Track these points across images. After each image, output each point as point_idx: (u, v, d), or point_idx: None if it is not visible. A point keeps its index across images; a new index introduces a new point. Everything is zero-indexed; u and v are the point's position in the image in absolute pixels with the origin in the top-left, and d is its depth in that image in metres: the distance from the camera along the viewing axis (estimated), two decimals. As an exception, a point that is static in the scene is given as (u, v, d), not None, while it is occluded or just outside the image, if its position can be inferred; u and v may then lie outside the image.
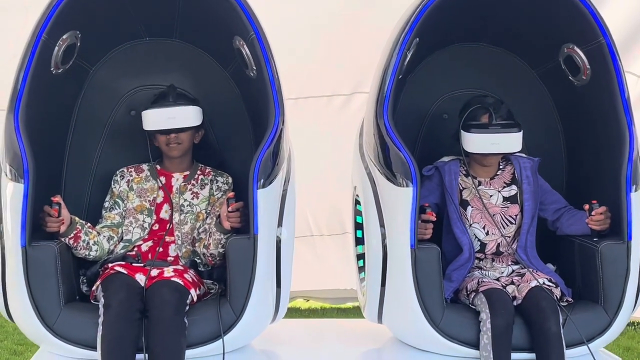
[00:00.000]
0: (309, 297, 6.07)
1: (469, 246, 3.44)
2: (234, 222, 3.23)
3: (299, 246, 3.90)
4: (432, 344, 3.29)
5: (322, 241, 5.38)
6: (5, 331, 5.32)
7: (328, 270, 5.44)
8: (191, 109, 3.40)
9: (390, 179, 3.27)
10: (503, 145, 3.40)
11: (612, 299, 3.27)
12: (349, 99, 5.04)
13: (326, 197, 5.08)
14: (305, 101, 5.00)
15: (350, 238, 3.94)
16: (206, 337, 3.16)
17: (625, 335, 5.27)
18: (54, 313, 3.13)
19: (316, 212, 5.24)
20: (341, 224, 5.19)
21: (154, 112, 3.38)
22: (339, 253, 5.27)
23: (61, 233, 3.21)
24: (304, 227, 5.22)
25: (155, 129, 3.41)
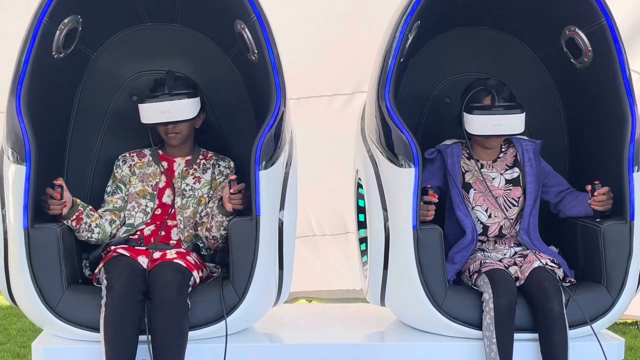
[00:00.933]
0: (312, 297, 6.07)
1: (472, 229, 3.44)
2: (236, 204, 3.23)
3: (301, 246, 3.91)
4: (435, 325, 3.28)
5: (324, 241, 5.37)
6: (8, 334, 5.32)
7: (330, 271, 5.43)
8: (185, 102, 3.37)
9: (392, 161, 3.27)
10: (506, 127, 3.40)
11: (615, 279, 3.26)
12: (351, 98, 5.03)
13: (328, 197, 5.07)
14: (307, 101, 4.99)
15: (352, 238, 3.94)
16: (209, 319, 3.16)
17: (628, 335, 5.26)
18: (57, 295, 3.13)
19: (318, 212, 5.23)
20: (343, 224, 5.19)
21: (148, 106, 3.37)
22: (342, 253, 5.27)
23: (63, 215, 3.22)
24: (306, 227, 5.22)
25: (150, 122, 3.41)
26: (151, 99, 3.37)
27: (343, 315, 3.80)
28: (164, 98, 3.35)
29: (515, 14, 3.63)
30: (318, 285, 5.55)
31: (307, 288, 5.52)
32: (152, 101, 3.36)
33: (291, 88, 3.34)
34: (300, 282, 3.90)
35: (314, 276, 5.32)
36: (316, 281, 5.43)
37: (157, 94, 3.38)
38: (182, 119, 3.39)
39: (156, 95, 3.38)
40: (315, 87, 5.00)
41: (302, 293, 5.65)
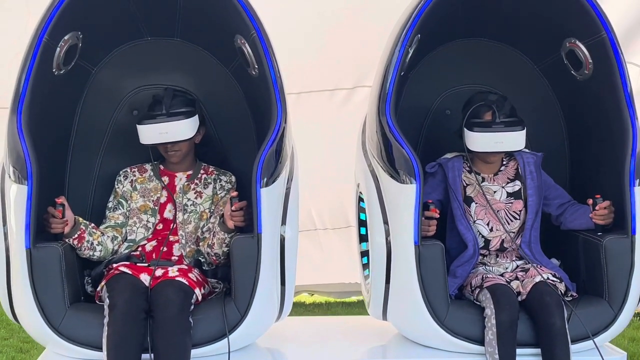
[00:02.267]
0: (314, 291, 6.06)
1: (474, 242, 3.44)
2: (237, 221, 3.23)
3: (302, 240, 3.90)
4: (437, 340, 3.29)
5: (326, 235, 5.37)
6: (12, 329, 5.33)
7: (332, 264, 5.43)
8: (183, 123, 3.36)
9: (393, 176, 3.27)
10: (507, 144, 3.40)
11: (617, 293, 3.27)
12: (351, 92, 5.03)
13: (329, 191, 5.07)
14: (308, 96, 4.99)
15: (354, 231, 3.94)
16: (211, 336, 3.16)
17: (630, 326, 5.26)
18: (59, 314, 3.14)
19: (320, 206, 5.23)
20: (345, 218, 5.19)
21: (146, 127, 3.37)
22: (343, 247, 5.27)
23: (65, 234, 3.22)
24: (307, 222, 5.22)
25: (149, 143, 3.41)
26: (149, 120, 3.37)
27: (345, 329, 3.80)
28: (162, 119, 3.35)
29: (516, 25, 3.62)
30: (320, 279, 5.55)
31: (309, 282, 5.52)
32: (150, 122, 3.36)
33: (292, 82, 3.35)
34: (302, 275, 3.89)
35: (316, 270, 5.32)
36: (318, 275, 5.44)
37: (155, 113, 3.38)
38: (180, 140, 3.39)
39: (154, 115, 3.37)
40: (316, 82, 4.99)
41: (304, 287, 5.66)
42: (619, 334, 3.39)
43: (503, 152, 3.50)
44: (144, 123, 3.38)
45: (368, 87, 4.24)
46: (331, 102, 5.05)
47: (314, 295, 6.22)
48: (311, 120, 4.84)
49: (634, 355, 4.61)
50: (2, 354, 4.77)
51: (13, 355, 4.78)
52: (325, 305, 6.11)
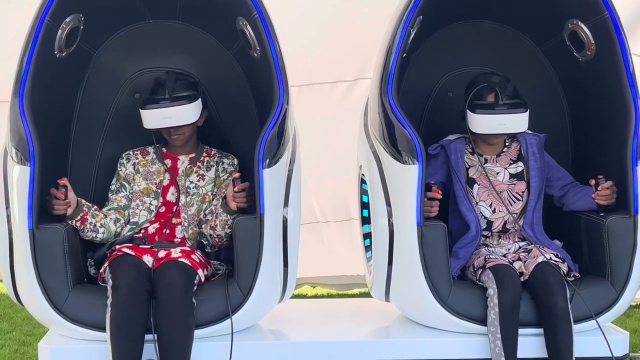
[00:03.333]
0: (316, 283, 6.07)
1: (476, 224, 3.44)
2: (240, 202, 3.23)
3: (304, 233, 3.91)
4: (440, 320, 3.29)
5: (328, 228, 5.37)
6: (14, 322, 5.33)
7: (334, 257, 5.43)
8: (186, 108, 3.36)
9: (395, 157, 3.26)
10: (509, 126, 3.39)
11: (619, 274, 3.27)
12: (353, 85, 5.02)
13: (331, 184, 5.07)
14: (309, 88, 4.98)
15: (356, 224, 3.94)
16: (214, 317, 3.17)
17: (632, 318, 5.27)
18: (63, 295, 3.14)
19: (322, 199, 5.23)
20: (347, 211, 5.19)
21: (150, 112, 3.36)
22: (345, 239, 5.27)
23: (68, 216, 3.22)
24: (309, 214, 5.22)
25: (153, 128, 3.41)
26: (152, 105, 3.36)
27: (348, 310, 3.81)
28: (165, 104, 3.35)
29: (518, 7, 3.62)
30: (322, 272, 5.55)
31: (311, 274, 5.52)
32: (153, 107, 3.36)
33: (293, 75, 3.34)
34: (305, 268, 3.89)
35: (318, 262, 5.32)
36: (320, 267, 5.44)
37: (158, 97, 3.37)
38: (184, 124, 3.39)
39: (157, 99, 3.37)
40: (318, 74, 4.99)
41: (306, 279, 5.66)
42: (621, 325, 3.39)
43: (506, 134, 3.50)
44: (148, 108, 3.37)
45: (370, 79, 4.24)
46: (333, 94, 5.05)
47: (316, 288, 6.23)
48: (313, 113, 4.83)
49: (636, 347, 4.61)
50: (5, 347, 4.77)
51: (16, 348, 4.78)
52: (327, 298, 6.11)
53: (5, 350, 4.69)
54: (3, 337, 4.98)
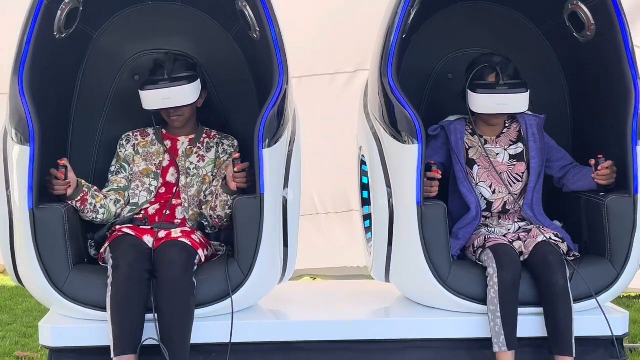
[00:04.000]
0: (316, 275, 6.08)
1: (476, 205, 3.44)
2: (240, 182, 3.24)
3: (304, 224, 3.91)
4: (440, 300, 3.30)
5: (327, 219, 5.38)
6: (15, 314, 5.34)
7: (334, 248, 5.44)
8: (186, 88, 3.36)
9: (395, 137, 3.27)
10: (510, 106, 3.39)
11: (619, 253, 3.27)
12: (353, 76, 5.02)
13: (331, 175, 5.07)
14: (309, 80, 4.98)
15: (356, 215, 3.94)
16: (215, 297, 3.17)
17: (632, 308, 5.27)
18: (63, 275, 3.15)
19: (321, 191, 5.23)
20: (347, 202, 5.19)
21: (149, 93, 3.36)
22: (345, 231, 5.27)
23: (68, 196, 3.23)
24: (309, 206, 5.22)
25: (152, 109, 3.41)
26: (151, 86, 3.36)
27: (348, 291, 3.82)
28: (165, 84, 3.35)
29: (518, -13, 3.62)
30: (322, 263, 5.56)
31: (312, 266, 5.52)
32: (152, 88, 3.35)
33: (293, 67, 3.34)
34: (305, 259, 3.91)
35: (318, 254, 5.33)
36: (320, 259, 5.44)
37: (157, 78, 3.37)
38: (183, 104, 3.39)
39: (156, 80, 3.37)
40: (317, 66, 4.98)
41: (306, 271, 5.66)
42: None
43: (506, 115, 3.49)
44: (147, 89, 3.37)
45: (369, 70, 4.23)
46: (332, 86, 5.04)
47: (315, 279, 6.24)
48: (312, 104, 4.83)
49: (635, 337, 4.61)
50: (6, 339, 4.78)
51: (17, 340, 4.79)
52: (327, 283, 6.12)
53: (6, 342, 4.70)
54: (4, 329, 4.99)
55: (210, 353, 3.15)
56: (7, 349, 4.57)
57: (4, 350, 4.54)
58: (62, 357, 3.14)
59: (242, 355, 3.15)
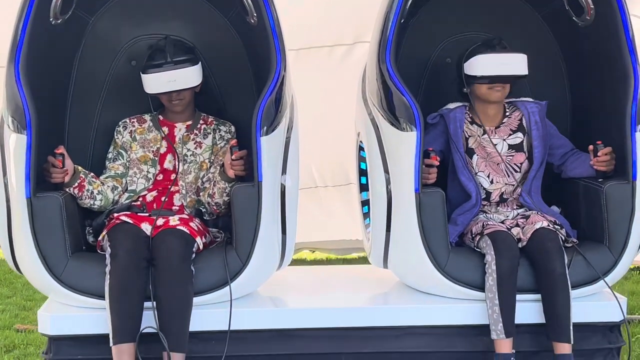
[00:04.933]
0: (315, 248, 6.08)
1: (476, 192, 3.43)
2: (237, 170, 3.23)
3: (303, 198, 3.91)
4: (438, 286, 3.30)
5: (326, 192, 5.37)
6: (14, 287, 5.36)
7: (333, 222, 5.44)
8: (191, 70, 3.35)
9: (393, 124, 3.25)
10: (512, 67, 3.36)
11: (617, 239, 3.27)
12: (351, 48, 4.99)
13: (330, 149, 5.06)
14: (307, 52, 4.95)
15: (355, 189, 3.94)
16: (213, 284, 3.18)
17: (630, 280, 5.30)
18: (61, 263, 3.15)
19: (320, 164, 5.23)
20: (345, 175, 5.19)
21: (153, 77, 3.34)
22: (344, 204, 5.27)
23: (65, 183, 3.22)
24: (308, 179, 5.21)
25: (157, 92, 3.39)
26: (155, 69, 3.34)
27: (346, 277, 3.82)
28: (169, 67, 3.33)
29: (517, -29, 3.59)
30: (321, 236, 5.57)
31: (310, 239, 5.53)
32: (156, 71, 3.34)
33: (291, 39, 3.32)
34: (303, 233, 3.90)
35: (317, 227, 5.33)
36: (319, 232, 5.45)
37: (160, 62, 3.35)
38: (189, 87, 3.37)
39: (159, 64, 3.35)
40: (316, 38, 4.95)
41: (305, 244, 5.68)
42: (619, 288, 3.41)
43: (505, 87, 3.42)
44: (150, 72, 3.35)
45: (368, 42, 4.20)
46: (331, 58, 5.01)
47: (315, 252, 6.25)
48: (311, 76, 4.81)
49: (633, 309, 4.64)
50: (6, 312, 4.80)
51: (16, 312, 4.82)
52: (326, 262, 6.14)
53: (6, 315, 4.73)
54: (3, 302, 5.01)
55: (209, 341, 3.16)
56: (6, 322, 4.60)
57: (3, 323, 4.57)
58: (61, 345, 3.15)
59: (240, 342, 3.16)
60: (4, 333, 4.41)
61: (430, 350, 3.23)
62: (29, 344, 4.24)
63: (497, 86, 3.42)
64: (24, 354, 4.12)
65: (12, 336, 4.35)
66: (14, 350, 4.16)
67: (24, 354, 4.11)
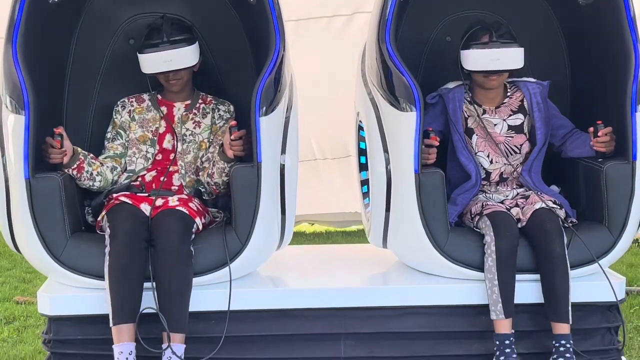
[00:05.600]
0: (314, 220, 6.09)
1: (476, 172, 3.43)
2: (237, 150, 3.22)
3: (303, 171, 3.90)
4: (437, 267, 3.30)
5: (325, 165, 5.37)
6: (14, 260, 5.38)
7: (332, 194, 5.44)
8: (187, 50, 3.33)
9: (393, 104, 3.24)
10: (504, 61, 3.34)
11: (617, 219, 3.27)
12: (350, 19, 4.96)
13: (329, 121, 5.05)
14: (306, 22, 4.92)
15: (354, 161, 3.93)
16: (213, 265, 3.18)
17: (629, 252, 5.31)
18: (61, 244, 3.15)
19: (319, 137, 5.22)
20: (345, 148, 5.18)
21: (149, 56, 3.32)
22: (343, 176, 5.27)
23: (64, 164, 3.21)
24: (307, 152, 5.21)
25: (153, 72, 3.37)
26: (151, 49, 3.32)
27: (346, 257, 3.82)
28: (165, 47, 3.31)
29: (518, -51, 3.56)
30: (320, 209, 5.58)
31: (309, 211, 5.54)
32: (152, 51, 3.32)
33: (290, 10, 3.30)
34: (303, 206, 3.90)
35: (316, 200, 5.34)
36: (318, 205, 5.46)
37: (156, 41, 3.33)
38: (185, 67, 3.35)
39: (155, 43, 3.33)
40: (314, 9, 4.93)
41: (304, 217, 5.68)
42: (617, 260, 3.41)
43: (502, 75, 3.42)
44: (147, 52, 3.33)
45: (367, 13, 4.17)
46: (329, 28, 4.99)
47: (314, 225, 6.25)
48: (309, 47, 4.78)
49: (632, 281, 4.66)
50: (6, 284, 4.82)
51: (16, 285, 4.83)
52: (325, 235, 6.14)
53: (6, 287, 4.75)
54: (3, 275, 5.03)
55: (209, 321, 3.16)
56: (6, 294, 4.62)
57: (3, 295, 4.59)
58: (61, 326, 3.16)
59: (240, 322, 3.16)
60: (3, 305, 4.43)
61: (429, 330, 3.24)
62: (29, 316, 4.26)
63: (493, 76, 3.41)
64: (24, 325, 4.14)
65: (12, 308, 4.37)
66: (14, 322, 4.18)
67: (24, 326, 4.14)
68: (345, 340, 3.23)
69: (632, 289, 4.27)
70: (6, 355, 3.77)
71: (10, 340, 3.97)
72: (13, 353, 3.78)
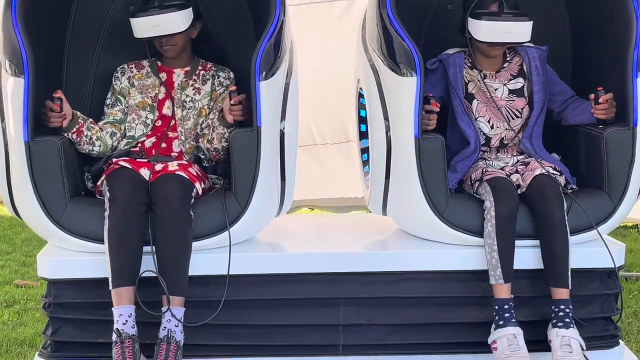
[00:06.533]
0: (314, 206, 6.08)
1: (475, 139, 3.42)
2: (236, 115, 3.22)
3: (302, 155, 3.90)
4: (437, 233, 3.30)
5: (326, 150, 5.36)
6: (14, 244, 5.39)
7: (332, 179, 5.43)
8: (176, 15, 3.31)
9: (393, 70, 3.23)
10: (515, 34, 3.33)
11: (617, 186, 3.26)
12: (351, 4, 4.95)
13: (329, 106, 5.04)
14: (307, 7, 4.91)
15: (354, 146, 3.92)
16: (212, 229, 3.18)
17: (628, 238, 5.32)
18: (60, 207, 3.14)
19: (319, 121, 5.20)
20: (345, 132, 5.17)
21: (138, 20, 3.31)
22: (343, 162, 5.26)
23: (64, 128, 3.21)
24: (307, 136, 5.19)
25: (142, 37, 3.36)
26: (142, 13, 3.32)
27: (345, 224, 3.82)
28: (154, 11, 3.30)
29: None
30: (320, 194, 5.56)
31: (309, 197, 5.53)
32: (142, 15, 3.31)
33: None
34: (302, 190, 3.89)
35: (316, 185, 5.32)
36: (318, 190, 5.44)
37: (148, 6, 3.33)
38: (173, 32, 3.34)
39: (146, 8, 3.32)
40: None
41: (304, 202, 5.67)
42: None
43: (506, 46, 3.43)
44: (137, 16, 3.33)
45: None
46: (331, 13, 4.97)
47: (313, 210, 6.25)
48: (310, 33, 4.77)
49: (631, 266, 4.66)
50: (5, 268, 4.82)
51: (16, 268, 4.84)
52: (325, 216, 6.15)
53: (6, 271, 4.75)
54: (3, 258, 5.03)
55: (208, 285, 3.16)
56: (6, 278, 4.63)
57: (3, 279, 4.59)
58: (60, 289, 3.16)
59: (239, 287, 3.16)
60: (4, 289, 4.44)
61: (428, 295, 3.24)
62: (29, 300, 4.27)
63: (499, 46, 3.40)
64: (24, 309, 4.15)
65: (12, 291, 4.38)
66: (14, 305, 4.19)
67: (24, 309, 4.14)
68: (345, 306, 3.23)
69: (631, 275, 4.26)
70: (6, 338, 3.79)
71: (10, 323, 3.98)
72: (13, 336, 3.79)
